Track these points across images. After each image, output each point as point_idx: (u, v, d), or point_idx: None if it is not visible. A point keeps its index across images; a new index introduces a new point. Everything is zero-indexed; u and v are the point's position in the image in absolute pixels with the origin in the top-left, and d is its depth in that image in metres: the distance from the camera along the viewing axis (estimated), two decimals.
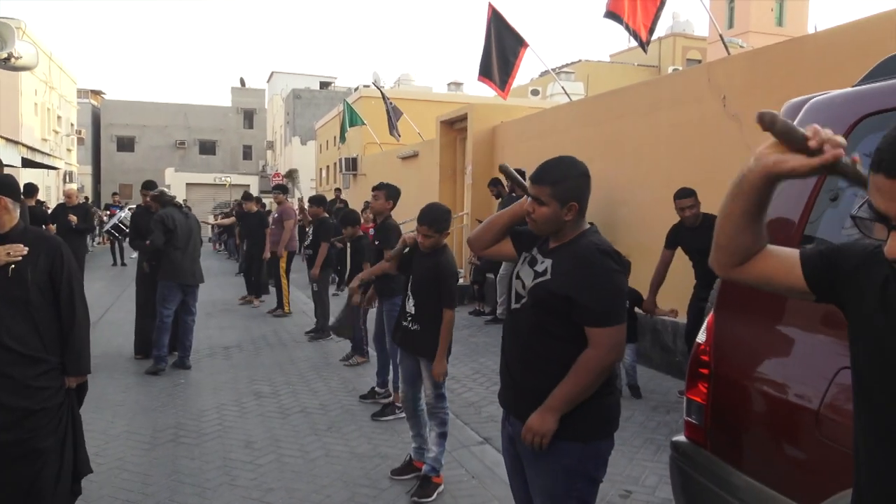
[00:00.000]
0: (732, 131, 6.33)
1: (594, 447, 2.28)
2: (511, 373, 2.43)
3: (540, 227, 2.35)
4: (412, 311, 4.17)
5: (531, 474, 2.40)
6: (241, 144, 52.72)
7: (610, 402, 2.32)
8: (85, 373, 3.35)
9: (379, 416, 5.50)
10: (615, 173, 8.12)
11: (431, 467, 4.13)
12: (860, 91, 2.11)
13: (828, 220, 2.08)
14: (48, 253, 3.17)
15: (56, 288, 3.19)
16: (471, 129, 12.17)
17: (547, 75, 35.94)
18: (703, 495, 2.28)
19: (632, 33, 7.79)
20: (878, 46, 4.69)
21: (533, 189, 2.33)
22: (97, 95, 53.02)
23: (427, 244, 4.13)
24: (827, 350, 1.97)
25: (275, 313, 10.54)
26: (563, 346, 2.26)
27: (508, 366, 2.45)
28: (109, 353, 7.83)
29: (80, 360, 3.29)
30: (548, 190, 2.29)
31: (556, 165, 2.34)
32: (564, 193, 2.29)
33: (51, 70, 31.50)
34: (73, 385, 3.31)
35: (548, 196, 2.29)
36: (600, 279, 2.21)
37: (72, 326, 3.24)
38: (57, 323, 3.21)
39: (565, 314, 2.24)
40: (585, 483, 2.30)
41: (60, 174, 32.63)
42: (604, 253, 2.24)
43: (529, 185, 2.35)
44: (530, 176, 2.36)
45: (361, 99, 23.08)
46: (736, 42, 28.77)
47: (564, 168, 2.34)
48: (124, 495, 4.10)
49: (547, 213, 2.30)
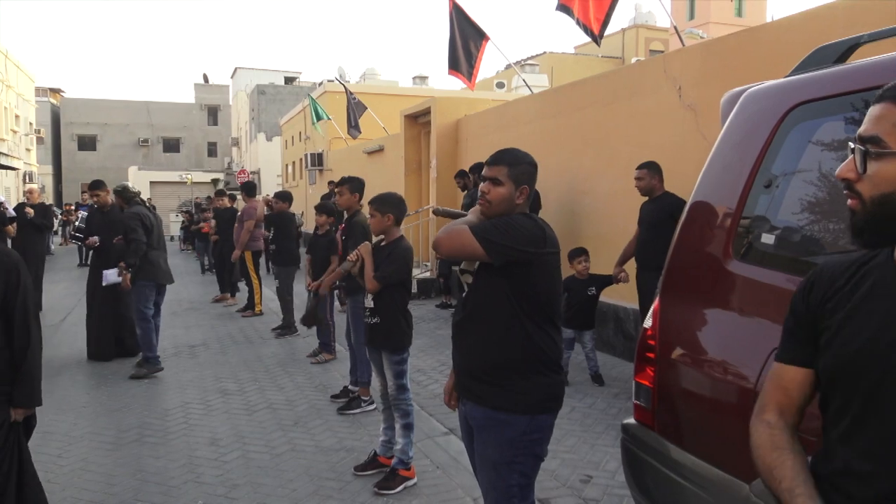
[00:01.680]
0: (688, 121, 6.44)
1: (538, 421, 2.41)
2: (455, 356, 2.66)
3: (494, 207, 2.42)
4: (371, 305, 4.25)
5: (478, 447, 2.52)
6: (206, 141, 52.10)
7: (555, 380, 2.47)
8: (35, 404, 2.98)
9: (345, 410, 5.53)
10: (577, 163, 8.21)
11: (399, 460, 4.15)
12: (791, 81, 2.19)
13: (763, 206, 2.16)
14: (3, 270, 2.84)
15: (8, 310, 2.85)
16: (434, 122, 12.19)
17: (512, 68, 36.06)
18: (650, 474, 2.36)
19: (581, 27, 7.87)
20: (829, 35, 4.80)
21: (490, 171, 2.43)
22: (56, 94, 52.06)
23: (373, 225, 4.39)
24: (762, 331, 2.05)
25: (244, 314, 10.44)
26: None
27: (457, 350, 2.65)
28: (73, 355, 7.74)
29: (33, 391, 2.93)
30: (505, 170, 2.41)
31: (511, 151, 2.50)
32: (519, 175, 2.42)
33: (7, 68, 30.86)
34: (21, 418, 2.92)
35: (505, 176, 2.41)
36: (514, 220, 2.40)
37: (25, 353, 2.89)
38: (7, 350, 2.87)
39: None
40: (528, 457, 2.43)
41: (20, 174, 32.02)
42: (527, 216, 2.44)
43: (486, 168, 2.46)
44: (486, 160, 2.49)
45: (326, 94, 22.96)
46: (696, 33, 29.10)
47: (519, 154, 2.50)
48: (88, 496, 4.08)
49: (503, 192, 2.40)
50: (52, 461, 4.60)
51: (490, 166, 2.44)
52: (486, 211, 2.44)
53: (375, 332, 4.26)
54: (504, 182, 2.40)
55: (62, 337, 8.85)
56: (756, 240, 2.15)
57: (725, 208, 2.23)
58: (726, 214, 2.22)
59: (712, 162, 2.36)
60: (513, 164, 2.43)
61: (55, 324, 9.73)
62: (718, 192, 2.30)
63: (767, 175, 2.13)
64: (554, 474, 4.19)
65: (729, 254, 2.18)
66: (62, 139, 49.02)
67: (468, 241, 2.33)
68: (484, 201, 2.43)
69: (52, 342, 8.44)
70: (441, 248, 2.42)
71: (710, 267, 2.26)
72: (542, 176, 8.75)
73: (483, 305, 2.46)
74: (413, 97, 18.53)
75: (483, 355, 2.46)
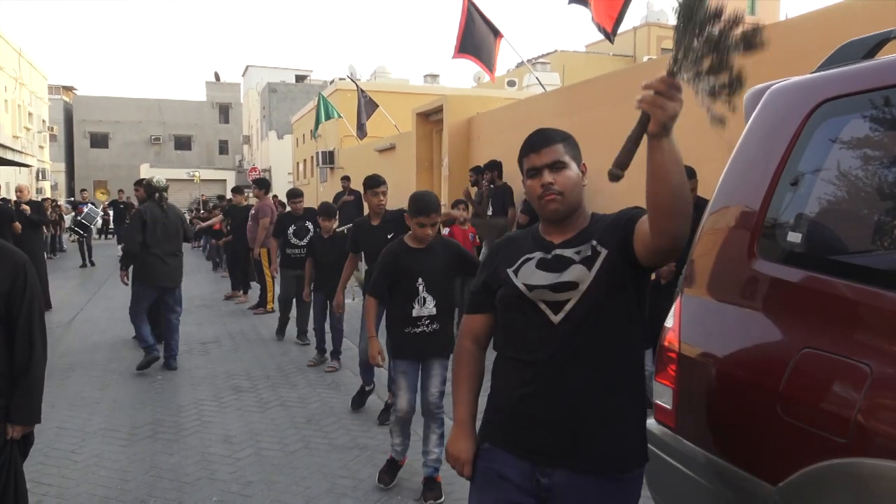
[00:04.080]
0: (704, 119, 6.37)
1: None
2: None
3: (568, 199, 1.93)
4: (432, 311, 3.90)
5: None
6: (217, 139, 52.37)
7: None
8: (35, 422, 2.69)
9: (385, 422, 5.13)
10: (590, 162, 8.00)
11: (434, 468, 3.96)
12: (818, 77, 2.16)
13: (789, 203, 2.13)
14: (9, 271, 2.58)
15: (12, 316, 2.59)
16: (447, 120, 12.18)
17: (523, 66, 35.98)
18: (671, 475, 2.33)
19: (596, 24, 7.84)
20: (846, 33, 4.75)
21: (544, 156, 1.93)
22: (69, 91, 52.39)
23: (434, 232, 3.91)
24: (788, 331, 2.02)
25: (256, 311, 10.45)
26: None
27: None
28: (85, 351, 7.77)
29: (32, 406, 2.65)
30: (561, 147, 1.94)
31: (552, 129, 2.02)
32: (576, 152, 1.98)
33: (20, 66, 31.05)
34: (18, 436, 2.64)
35: (565, 155, 1.94)
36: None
37: (27, 364, 2.61)
38: (6, 359, 2.60)
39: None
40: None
41: (33, 172, 32.22)
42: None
43: (535, 155, 1.94)
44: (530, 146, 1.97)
45: (337, 92, 22.99)
46: None
47: (560, 130, 2.02)
48: (102, 492, 4.08)
49: (572, 176, 1.94)
50: (65, 457, 4.61)
51: (541, 150, 1.93)
52: (559, 206, 1.92)
53: (432, 341, 3.93)
54: (568, 164, 1.93)
55: (75, 333, 8.89)
56: (782, 238, 2.11)
57: (750, 206, 2.20)
58: (751, 212, 2.19)
59: (736, 159, 2.32)
60: (566, 140, 1.97)
61: (68, 321, 9.77)
62: (742, 189, 2.26)
63: (794, 172, 2.10)
64: None
65: (754, 252, 2.14)
66: (75, 136, 49.38)
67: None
68: (553, 196, 1.90)
69: (65, 338, 8.49)
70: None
71: (733, 265, 2.23)
72: None
73: (600, 333, 1.88)
74: (424, 95, 18.53)
75: (607, 399, 1.89)
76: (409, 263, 3.89)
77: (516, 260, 2.00)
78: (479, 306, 2.11)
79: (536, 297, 1.91)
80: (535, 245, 2.02)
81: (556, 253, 1.95)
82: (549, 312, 1.89)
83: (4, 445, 2.60)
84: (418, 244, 3.93)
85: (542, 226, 2.05)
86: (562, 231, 1.98)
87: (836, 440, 1.77)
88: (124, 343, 8.12)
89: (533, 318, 1.91)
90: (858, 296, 1.86)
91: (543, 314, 1.90)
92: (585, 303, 1.86)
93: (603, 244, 1.89)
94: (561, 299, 1.88)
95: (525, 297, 1.93)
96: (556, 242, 1.98)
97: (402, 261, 3.90)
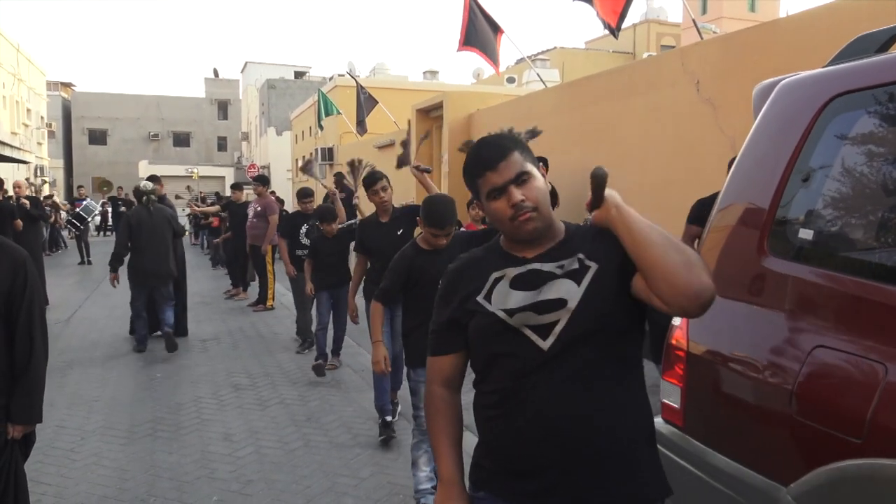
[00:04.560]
0: (706, 115, 6.36)
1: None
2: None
3: (543, 212, 1.66)
4: None
5: None
6: (216, 136, 52.26)
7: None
8: (36, 421, 2.66)
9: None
10: (592, 158, 8.10)
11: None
12: (830, 71, 2.12)
13: (800, 200, 2.09)
14: (9, 268, 2.54)
15: (12, 314, 2.56)
16: (446, 117, 12.12)
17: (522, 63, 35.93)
18: (678, 475, 2.30)
19: (600, 19, 7.80)
20: (851, 29, 4.72)
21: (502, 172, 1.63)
22: (67, 87, 52.28)
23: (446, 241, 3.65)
24: (800, 329, 1.99)
25: (256, 308, 10.39)
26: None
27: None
28: (84, 349, 7.74)
29: (33, 406, 2.61)
30: (518, 155, 1.66)
31: (496, 134, 1.74)
32: (529, 153, 1.72)
33: (18, 62, 30.96)
34: (19, 436, 2.61)
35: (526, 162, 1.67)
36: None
37: (27, 363, 2.58)
38: (7, 357, 2.57)
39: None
40: None
41: (31, 168, 32.13)
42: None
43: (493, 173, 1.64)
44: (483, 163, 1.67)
45: (336, 88, 22.92)
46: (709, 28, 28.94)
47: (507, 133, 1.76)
48: (101, 491, 4.05)
49: (541, 185, 1.67)
50: (64, 455, 4.58)
51: (498, 165, 1.63)
52: (537, 224, 1.65)
53: None
54: (531, 172, 1.66)
55: (73, 330, 8.85)
56: (793, 235, 2.08)
57: (759, 202, 2.16)
58: (760, 209, 2.15)
59: (745, 155, 2.29)
60: (518, 144, 1.70)
61: (66, 318, 9.72)
62: (752, 186, 2.23)
63: (805, 168, 2.06)
64: None
65: (764, 249, 2.11)
66: (73, 133, 49.27)
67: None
68: (527, 214, 1.63)
69: (63, 336, 8.44)
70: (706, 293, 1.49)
71: (742, 263, 2.19)
72: (557, 171, 8.65)
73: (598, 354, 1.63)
74: (423, 92, 18.46)
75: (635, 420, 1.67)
76: (427, 266, 3.62)
77: (484, 283, 1.71)
78: (446, 345, 1.79)
79: (519, 323, 1.63)
80: (502, 261, 1.72)
81: (532, 268, 1.67)
82: (536, 338, 1.62)
83: (5, 445, 2.55)
84: (433, 246, 3.70)
85: (506, 242, 1.75)
86: (533, 246, 1.70)
87: (850, 440, 1.73)
88: (123, 341, 8.09)
89: (518, 348, 1.63)
90: (872, 293, 1.82)
91: (529, 341, 1.62)
92: (578, 322, 1.59)
93: (592, 258, 1.65)
94: (548, 321, 1.61)
95: (506, 324, 1.64)
96: (528, 257, 1.69)
97: (418, 263, 3.67)
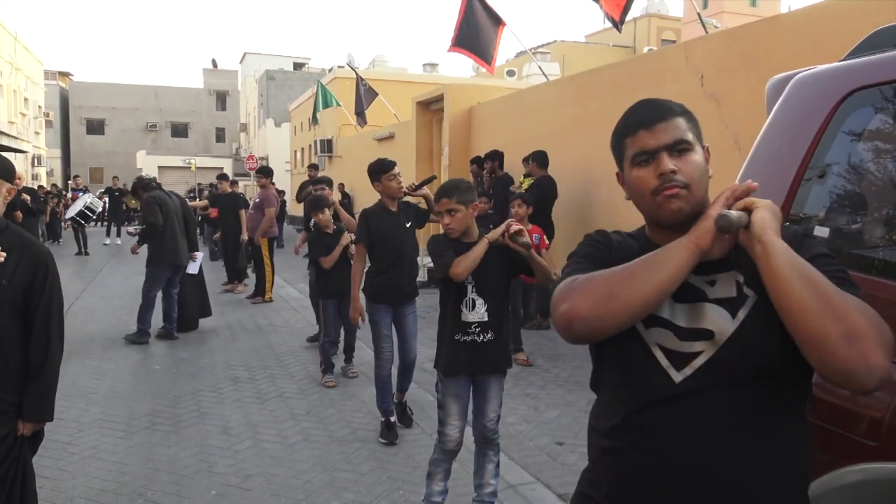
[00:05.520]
0: (710, 110, 6.31)
1: None
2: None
3: (695, 194, 1.38)
4: (483, 316, 3.27)
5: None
6: (214, 127, 52.15)
7: None
8: (47, 419, 2.65)
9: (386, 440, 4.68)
10: (593, 153, 8.09)
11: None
12: (847, 65, 2.08)
13: (816, 196, 2.05)
14: (30, 264, 2.51)
15: (30, 311, 2.53)
16: (447, 110, 12.08)
17: (523, 56, 35.88)
18: None
19: (604, 12, 7.77)
20: (858, 25, 4.68)
21: (659, 134, 1.38)
22: (65, 77, 52.07)
23: (457, 224, 3.32)
24: None
25: (254, 300, 10.34)
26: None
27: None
28: (82, 340, 7.69)
29: (45, 404, 2.60)
30: (682, 122, 1.41)
31: (661, 99, 1.47)
32: (698, 129, 1.46)
33: (16, 51, 30.81)
34: (29, 433, 2.58)
35: (689, 132, 1.42)
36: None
37: (43, 361, 2.56)
38: (23, 353, 2.54)
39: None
40: None
41: (29, 158, 32.04)
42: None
43: (645, 133, 1.39)
44: (639, 120, 1.42)
45: (336, 80, 22.85)
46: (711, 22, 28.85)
47: (675, 102, 1.47)
48: (99, 484, 4.01)
49: (700, 163, 1.40)
50: (62, 448, 4.54)
51: (656, 126, 1.38)
52: (683, 205, 1.36)
53: (487, 353, 3.31)
54: (692, 143, 1.40)
55: (71, 322, 8.79)
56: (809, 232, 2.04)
57: (773, 199, 2.12)
58: None
59: (758, 151, 2.24)
60: (686, 114, 1.44)
61: (64, 309, 9.65)
62: (765, 182, 2.17)
63: (821, 165, 2.02)
64: (573, 469, 4.10)
65: None
66: (71, 123, 49.12)
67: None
68: (675, 189, 1.35)
69: None
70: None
71: None
72: (558, 165, 8.61)
73: (745, 400, 1.31)
74: (423, 84, 18.41)
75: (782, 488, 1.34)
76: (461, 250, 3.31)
77: None
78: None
79: (652, 340, 1.35)
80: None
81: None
82: (667, 365, 1.33)
83: (15, 442, 2.52)
84: (466, 238, 3.36)
85: (653, 232, 1.48)
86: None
87: (867, 443, 1.70)
88: (121, 333, 8.04)
89: (643, 369, 1.35)
90: (890, 293, 1.79)
91: (659, 367, 1.34)
92: (725, 361, 1.30)
93: (752, 284, 1.33)
94: (687, 351, 1.32)
95: (636, 334, 1.35)
96: None
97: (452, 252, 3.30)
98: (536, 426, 4.88)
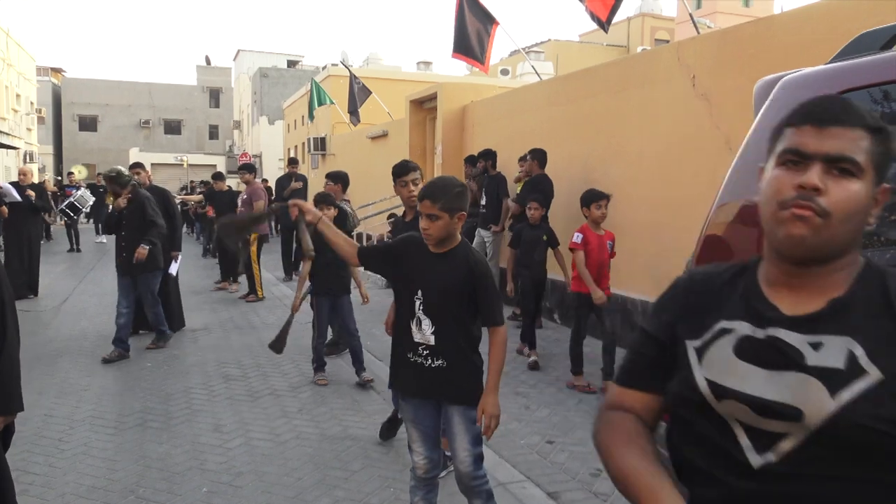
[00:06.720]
0: (701, 110, 6.34)
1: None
2: None
3: (833, 229, 1.12)
4: (430, 338, 2.82)
5: None
6: (208, 124, 51.96)
7: None
8: (15, 411, 2.49)
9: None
10: (587, 152, 8.11)
11: None
12: (834, 68, 2.10)
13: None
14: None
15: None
16: (441, 108, 12.08)
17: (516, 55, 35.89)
18: None
19: (589, 13, 7.76)
20: (848, 25, 4.71)
21: (825, 137, 1.12)
22: (57, 73, 51.78)
23: (436, 231, 2.78)
24: None
25: (248, 298, 10.32)
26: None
27: None
28: (73, 338, 7.67)
29: (10, 396, 2.44)
30: (860, 136, 1.13)
31: (847, 101, 1.21)
32: (883, 158, 1.18)
33: (8, 46, 30.65)
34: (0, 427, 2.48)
35: (861, 153, 1.13)
36: None
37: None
38: None
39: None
40: None
41: (20, 154, 31.87)
42: None
43: (811, 130, 1.13)
44: (812, 114, 1.16)
45: (329, 78, 22.79)
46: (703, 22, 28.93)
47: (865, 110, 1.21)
48: (89, 481, 4.01)
49: (859, 195, 1.12)
50: (53, 445, 4.53)
51: (827, 127, 1.13)
52: (807, 234, 1.09)
53: (437, 380, 2.83)
54: (860, 168, 1.13)
55: (63, 319, 8.78)
56: None
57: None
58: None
59: (745, 153, 2.26)
60: (873, 127, 1.14)
61: (56, 306, 9.65)
62: (752, 184, 2.20)
63: None
64: (563, 468, 4.11)
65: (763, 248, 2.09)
66: (63, 119, 48.87)
67: None
68: (807, 211, 1.09)
69: (52, 324, 8.39)
70: None
71: None
72: (552, 163, 8.61)
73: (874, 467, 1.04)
74: (417, 82, 18.38)
75: None
76: (413, 265, 2.89)
77: (703, 324, 1.21)
78: (636, 379, 1.31)
79: (727, 412, 1.12)
80: (741, 304, 1.19)
81: (774, 335, 1.12)
82: (746, 444, 1.10)
83: None
84: (436, 248, 2.86)
85: (768, 262, 1.21)
86: (801, 288, 1.14)
87: None
88: (113, 330, 8.01)
89: (716, 445, 1.14)
90: None
91: (736, 445, 1.11)
92: (819, 448, 1.04)
93: (875, 356, 1.04)
94: (769, 430, 1.08)
95: (706, 404, 1.15)
96: (784, 311, 1.14)
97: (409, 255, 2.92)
98: (527, 424, 4.90)
